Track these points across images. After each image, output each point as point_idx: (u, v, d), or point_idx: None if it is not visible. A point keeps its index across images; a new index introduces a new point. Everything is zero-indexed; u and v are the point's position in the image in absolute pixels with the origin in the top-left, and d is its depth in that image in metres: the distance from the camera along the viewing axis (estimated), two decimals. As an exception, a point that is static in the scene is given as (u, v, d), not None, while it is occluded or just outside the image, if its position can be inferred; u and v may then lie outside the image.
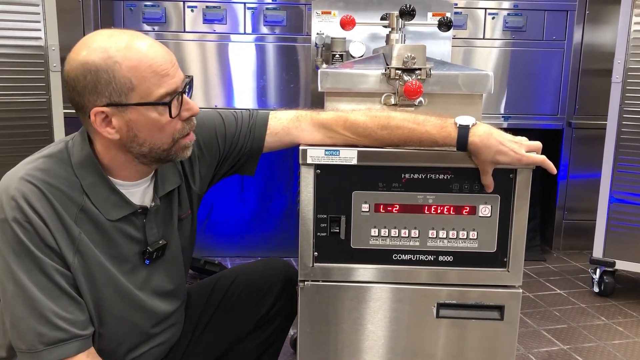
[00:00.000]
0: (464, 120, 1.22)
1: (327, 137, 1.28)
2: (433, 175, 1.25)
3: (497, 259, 1.28)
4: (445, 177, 1.25)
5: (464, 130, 1.20)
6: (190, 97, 1.17)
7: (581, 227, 3.18)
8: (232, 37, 2.96)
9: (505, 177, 1.24)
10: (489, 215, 1.26)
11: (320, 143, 1.28)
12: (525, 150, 1.22)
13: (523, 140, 1.24)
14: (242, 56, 2.99)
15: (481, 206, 1.26)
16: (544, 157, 1.23)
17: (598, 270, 2.68)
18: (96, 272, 1.13)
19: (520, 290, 1.29)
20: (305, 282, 1.29)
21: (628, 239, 2.56)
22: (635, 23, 2.46)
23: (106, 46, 1.07)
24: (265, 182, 3.22)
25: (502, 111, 3.12)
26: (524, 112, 3.14)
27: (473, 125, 1.21)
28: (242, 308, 1.45)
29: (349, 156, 1.23)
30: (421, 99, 1.38)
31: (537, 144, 1.24)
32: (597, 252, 2.63)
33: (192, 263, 2.90)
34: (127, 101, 1.08)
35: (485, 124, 1.22)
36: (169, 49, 1.13)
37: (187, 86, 1.14)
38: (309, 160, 1.24)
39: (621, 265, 2.59)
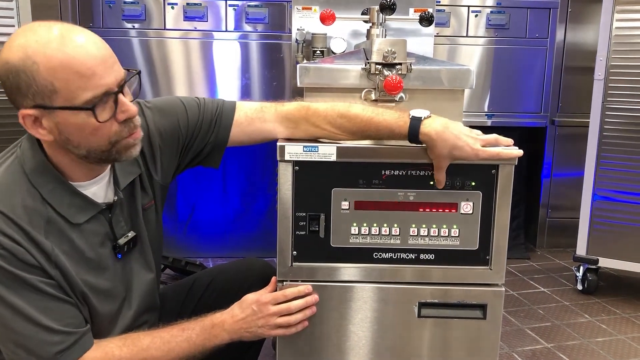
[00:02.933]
0: (418, 112, 1.20)
1: (290, 129, 1.27)
2: (413, 172, 1.22)
3: (480, 257, 1.26)
4: (426, 174, 1.22)
5: (415, 122, 1.18)
6: (137, 93, 1.11)
7: (565, 225, 3.18)
8: (215, 34, 2.92)
9: (487, 173, 1.22)
10: (470, 212, 1.24)
11: (283, 136, 1.26)
12: (481, 144, 1.19)
13: (478, 134, 1.22)
14: (225, 54, 2.95)
15: (463, 203, 1.23)
16: (499, 150, 1.20)
17: (581, 268, 2.68)
18: (75, 284, 1.11)
19: (503, 289, 1.27)
20: (284, 282, 1.26)
21: (611, 236, 2.56)
22: (617, 20, 2.46)
23: (26, 44, 0.99)
24: (248, 182, 3.18)
25: (485, 109, 3.11)
26: (508, 110, 3.14)
27: (427, 117, 1.19)
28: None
29: (328, 152, 1.20)
30: (402, 94, 1.35)
31: (492, 138, 1.22)
32: (581, 249, 2.62)
33: (173, 264, 2.85)
34: (52, 104, 1.01)
35: (442, 118, 1.21)
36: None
37: (125, 84, 1.06)
38: (286, 157, 1.20)
39: (604, 262, 2.59)
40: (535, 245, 3.29)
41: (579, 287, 2.70)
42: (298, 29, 1.88)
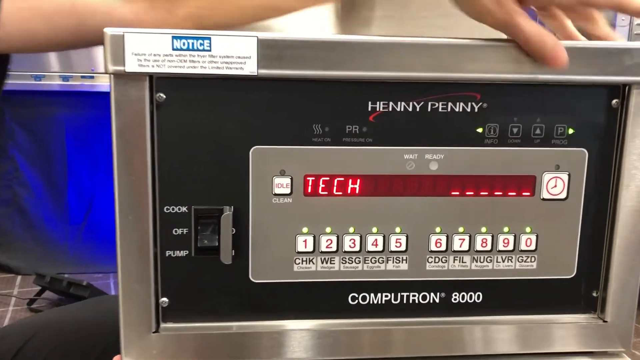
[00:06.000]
0: None
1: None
2: (442, 105, 0.52)
3: (580, 292, 0.58)
4: (468, 108, 0.53)
5: None
6: None
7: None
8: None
9: (600, 104, 0.54)
10: (562, 196, 0.55)
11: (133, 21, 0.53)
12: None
13: None
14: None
15: (546, 176, 0.55)
16: None
17: None
18: None
19: (629, 361, 0.59)
20: (140, 372, 0.54)
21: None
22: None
23: None
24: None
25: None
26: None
27: None
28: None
29: (236, 54, 0.49)
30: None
31: None
32: None
33: (52, 284, 2.09)
34: None
35: None
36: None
37: None
38: (131, 66, 0.48)
39: None
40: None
41: None
42: None
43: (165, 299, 0.53)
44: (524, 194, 0.55)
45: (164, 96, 0.49)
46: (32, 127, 2.50)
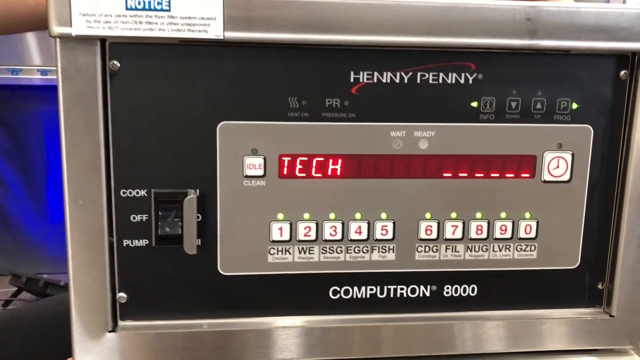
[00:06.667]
0: None
1: None
2: (432, 75, 0.47)
3: (584, 285, 0.53)
4: (462, 79, 0.48)
5: None
6: None
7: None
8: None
9: (606, 76, 0.49)
10: (565, 177, 0.50)
11: None
12: None
13: None
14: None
15: (548, 155, 0.50)
16: None
17: None
18: None
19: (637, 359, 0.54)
20: (95, 377, 0.48)
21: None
22: None
23: None
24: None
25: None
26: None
27: None
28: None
29: (199, 15, 0.43)
30: None
31: None
32: None
33: (28, 285, 2.02)
34: None
35: None
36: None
37: None
38: (78, 28, 0.42)
39: None
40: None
41: None
42: None
43: (123, 294, 0.47)
44: (523, 175, 0.50)
45: (118, 64, 0.44)
46: (9, 123, 2.41)
